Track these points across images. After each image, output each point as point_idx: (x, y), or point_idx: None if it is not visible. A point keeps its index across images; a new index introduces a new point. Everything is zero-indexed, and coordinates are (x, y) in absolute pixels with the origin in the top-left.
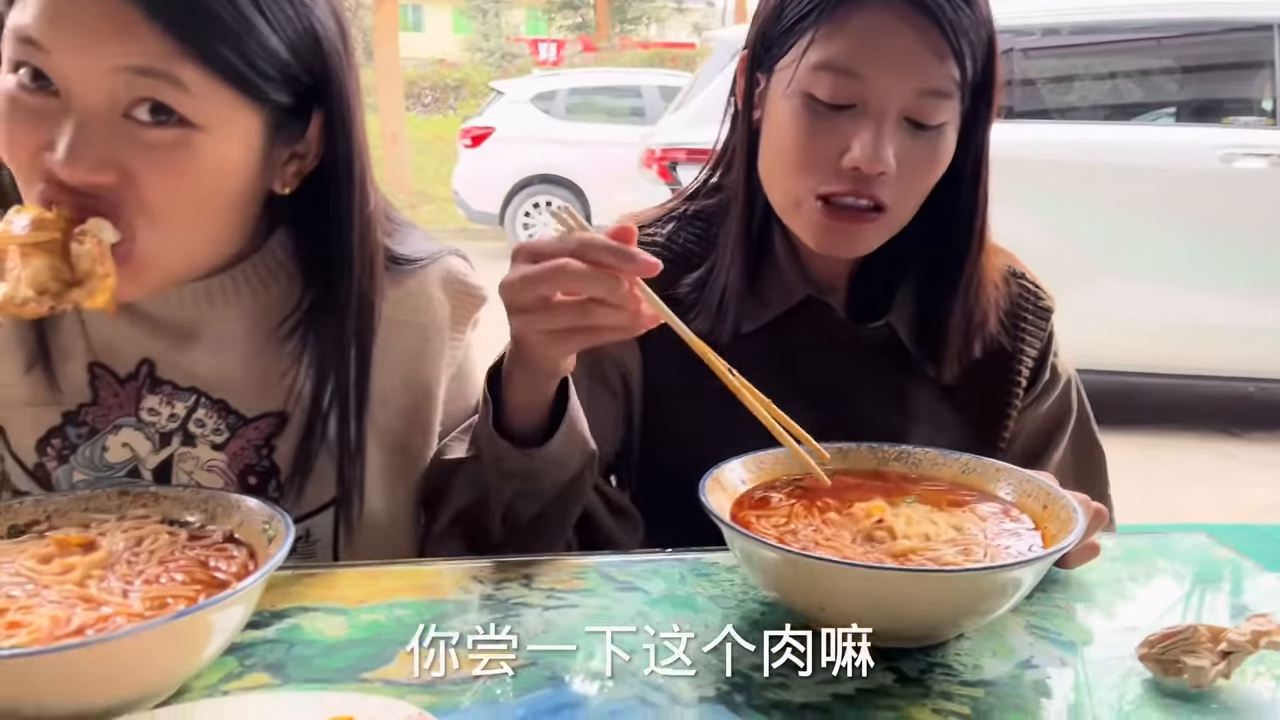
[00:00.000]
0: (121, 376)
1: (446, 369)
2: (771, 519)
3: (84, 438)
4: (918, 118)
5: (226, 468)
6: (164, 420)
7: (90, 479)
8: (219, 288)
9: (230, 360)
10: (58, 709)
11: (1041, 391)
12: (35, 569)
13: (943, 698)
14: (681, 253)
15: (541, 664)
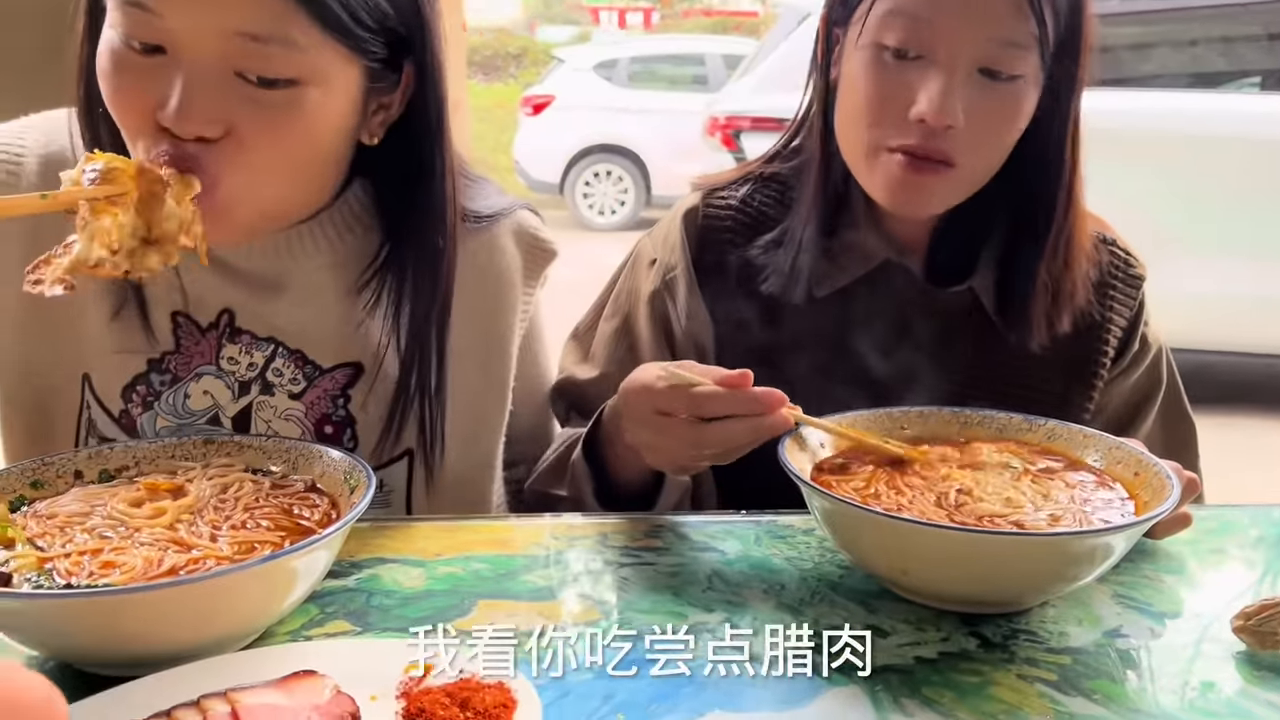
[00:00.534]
0: (203, 326)
1: (519, 324)
2: (851, 483)
3: (167, 385)
4: (992, 66)
5: (303, 417)
6: (243, 369)
7: (173, 425)
8: (299, 239)
9: (308, 311)
10: (149, 647)
11: (1130, 362)
12: (127, 512)
13: (1028, 664)
14: (756, 215)
15: (618, 619)
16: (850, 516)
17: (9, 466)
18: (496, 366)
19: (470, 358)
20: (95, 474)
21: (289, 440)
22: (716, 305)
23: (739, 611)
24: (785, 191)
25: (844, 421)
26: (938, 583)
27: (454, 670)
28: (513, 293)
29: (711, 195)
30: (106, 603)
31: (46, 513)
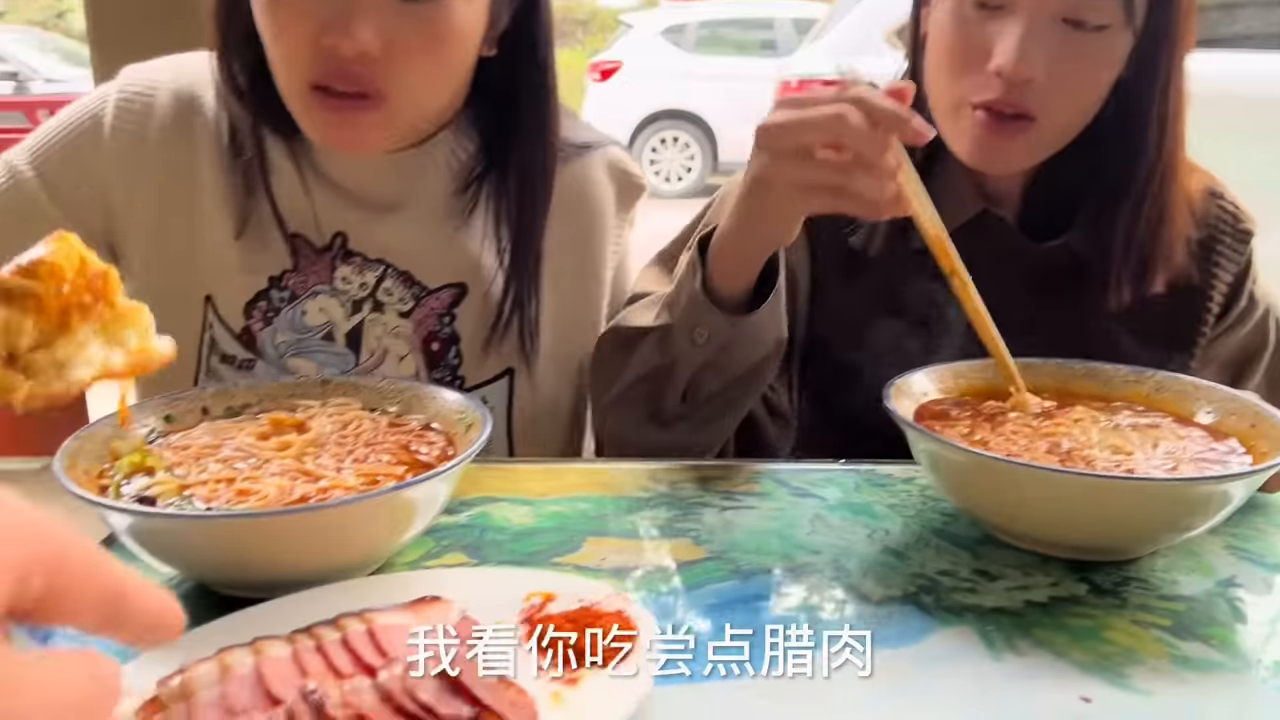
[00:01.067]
0: (318, 247)
1: (611, 255)
2: (956, 428)
3: (286, 302)
4: (1075, 15)
5: (412, 334)
6: (355, 289)
7: (291, 340)
8: (414, 161)
9: (415, 233)
10: (281, 570)
11: (1235, 320)
12: (255, 445)
13: (1141, 609)
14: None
15: (725, 558)
16: (963, 461)
17: (142, 402)
18: (591, 290)
19: (566, 281)
20: (221, 410)
21: (403, 381)
22: (818, 244)
23: (845, 554)
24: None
25: (945, 370)
26: (1049, 528)
27: (574, 600)
28: (605, 221)
29: None
30: (246, 525)
31: (180, 444)
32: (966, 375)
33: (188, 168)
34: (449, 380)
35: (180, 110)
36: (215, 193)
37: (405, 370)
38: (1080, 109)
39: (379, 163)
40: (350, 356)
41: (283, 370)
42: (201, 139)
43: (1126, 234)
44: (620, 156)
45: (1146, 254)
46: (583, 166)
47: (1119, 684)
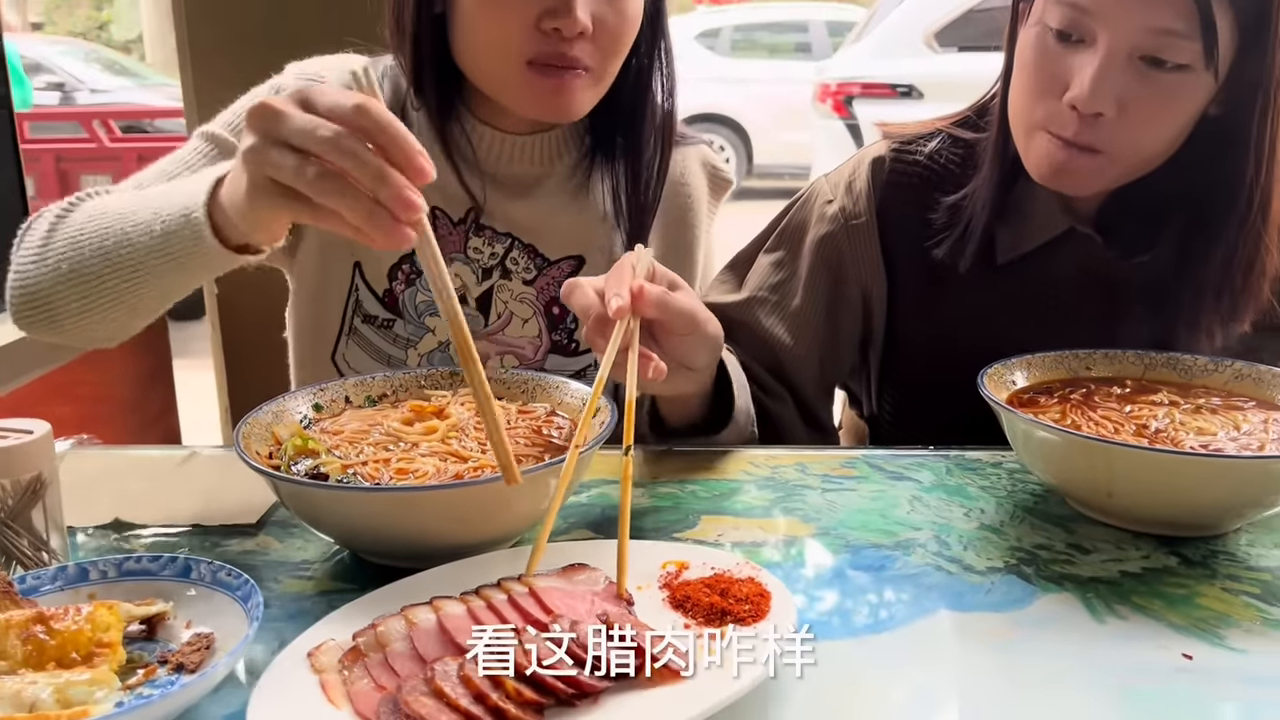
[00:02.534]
0: (454, 220)
1: (703, 239)
2: (1048, 414)
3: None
4: (1153, 53)
5: (535, 299)
6: (485, 258)
7: (429, 300)
8: (544, 144)
9: (540, 210)
10: (437, 541)
11: None
12: (402, 430)
13: (1230, 579)
14: (942, 172)
15: (834, 534)
16: (1058, 441)
17: (293, 393)
18: (686, 271)
19: (667, 258)
20: (362, 399)
21: (527, 373)
22: (895, 260)
23: (945, 530)
24: (970, 154)
25: (1033, 361)
26: (1141, 505)
27: (706, 568)
28: (700, 208)
29: (901, 146)
30: (412, 499)
31: (332, 429)
32: (1050, 366)
33: None
34: (566, 342)
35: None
36: None
37: (529, 332)
38: (1153, 145)
39: (515, 144)
40: (480, 318)
41: (421, 327)
42: None
43: (1219, 282)
44: (711, 154)
45: (1238, 301)
46: (682, 157)
47: (1216, 643)
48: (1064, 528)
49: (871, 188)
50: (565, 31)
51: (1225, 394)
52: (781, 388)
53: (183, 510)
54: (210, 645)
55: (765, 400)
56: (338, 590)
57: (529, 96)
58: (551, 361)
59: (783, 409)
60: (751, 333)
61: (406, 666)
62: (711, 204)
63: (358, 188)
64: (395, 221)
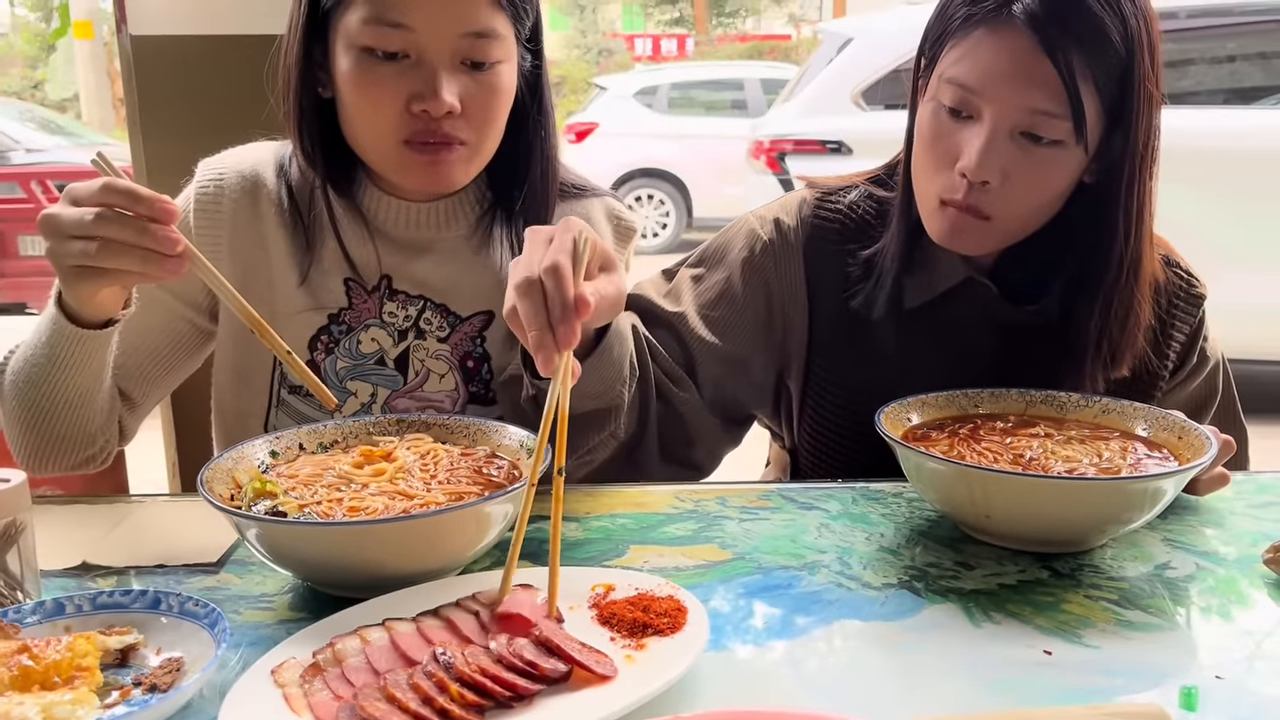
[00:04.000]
0: (368, 288)
1: None
2: (937, 447)
3: (343, 334)
4: (1030, 130)
5: (450, 355)
6: (400, 320)
7: (349, 366)
8: (444, 210)
9: (447, 270)
10: (386, 571)
11: (1188, 375)
12: (353, 472)
13: (1092, 588)
14: (859, 223)
15: (748, 558)
16: (940, 471)
17: (250, 441)
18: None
19: None
20: (315, 445)
21: (468, 419)
22: (816, 300)
23: (847, 552)
24: (883, 209)
25: (927, 400)
26: (1015, 525)
27: (631, 589)
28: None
29: (824, 196)
30: (364, 532)
31: (288, 473)
32: (942, 405)
33: (258, 233)
34: (483, 393)
35: (246, 187)
36: (281, 250)
37: (446, 386)
38: (1033, 210)
39: (417, 211)
40: (399, 377)
41: (343, 391)
42: (266, 208)
43: (1098, 334)
44: (615, 205)
45: (1116, 349)
46: (584, 207)
47: (1074, 641)
48: (953, 548)
49: (800, 227)
50: (433, 112)
51: (1094, 427)
52: (689, 379)
53: (146, 552)
54: (180, 668)
55: (669, 387)
56: (296, 619)
57: (408, 172)
58: (470, 412)
59: (686, 394)
60: (675, 336)
61: (362, 678)
62: (619, 250)
63: (128, 246)
64: (166, 257)
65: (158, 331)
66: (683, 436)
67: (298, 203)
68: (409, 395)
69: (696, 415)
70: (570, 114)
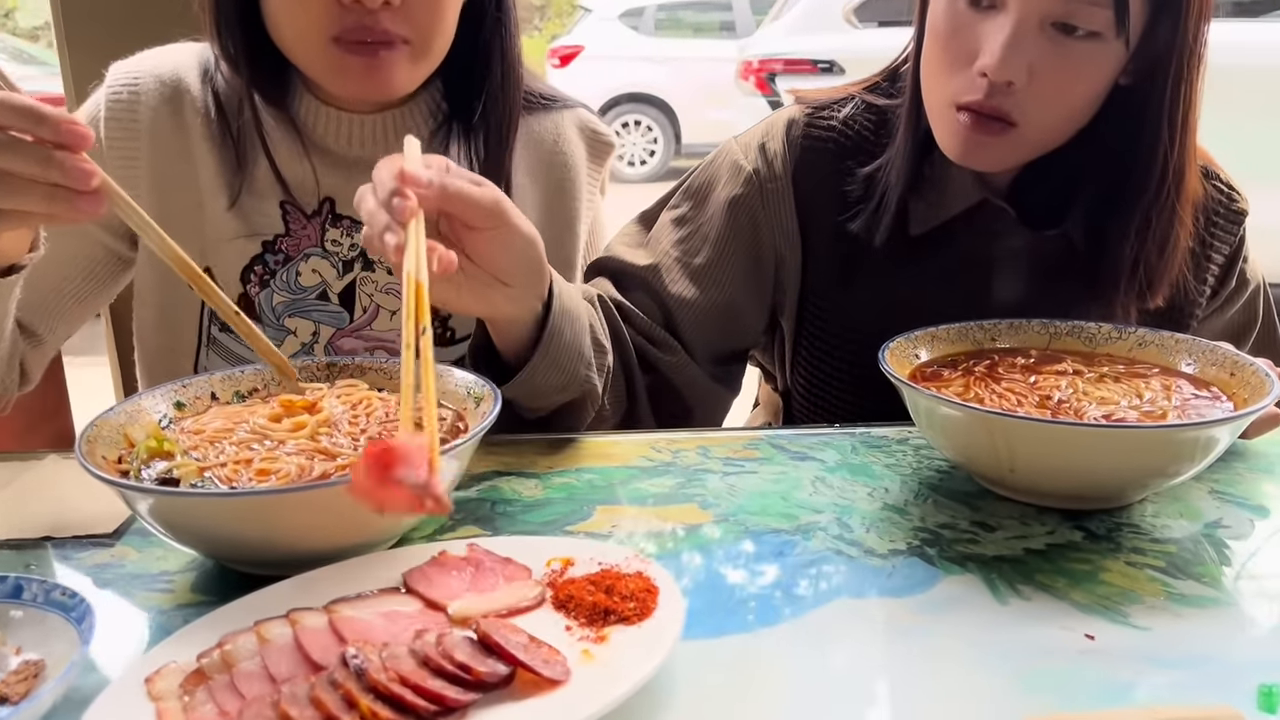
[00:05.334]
0: (308, 212)
1: (586, 210)
2: (950, 388)
3: (280, 264)
4: (1063, 20)
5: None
6: (345, 249)
7: (287, 301)
8: (392, 123)
9: None
10: (304, 547)
11: (1226, 300)
12: (269, 427)
13: (1135, 552)
14: (856, 139)
15: (733, 520)
16: (960, 417)
17: (152, 389)
18: (566, 244)
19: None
20: (229, 395)
21: None
22: (809, 229)
23: (847, 512)
24: (883, 121)
25: (937, 333)
26: (1044, 480)
27: (594, 563)
28: (578, 177)
29: (814, 112)
30: (270, 502)
31: (194, 429)
32: (954, 339)
33: (181, 148)
34: (440, 332)
35: (167, 94)
36: (208, 168)
37: (398, 324)
38: (1065, 115)
39: (363, 124)
40: (344, 314)
41: (281, 330)
42: (191, 119)
43: (1132, 257)
44: (589, 117)
45: (1153, 276)
46: (554, 122)
47: (1119, 621)
48: (969, 505)
49: (786, 151)
50: (366, 3)
51: (1129, 361)
52: (673, 340)
53: (34, 521)
54: (39, 673)
55: (653, 352)
56: (199, 603)
57: (341, 76)
58: None
59: (672, 358)
60: (651, 293)
61: (255, 687)
62: (593, 170)
63: (29, 181)
64: (79, 194)
65: (69, 260)
66: (678, 403)
67: (226, 113)
68: (356, 334)
69: (689, 377)
70: (554, 37)
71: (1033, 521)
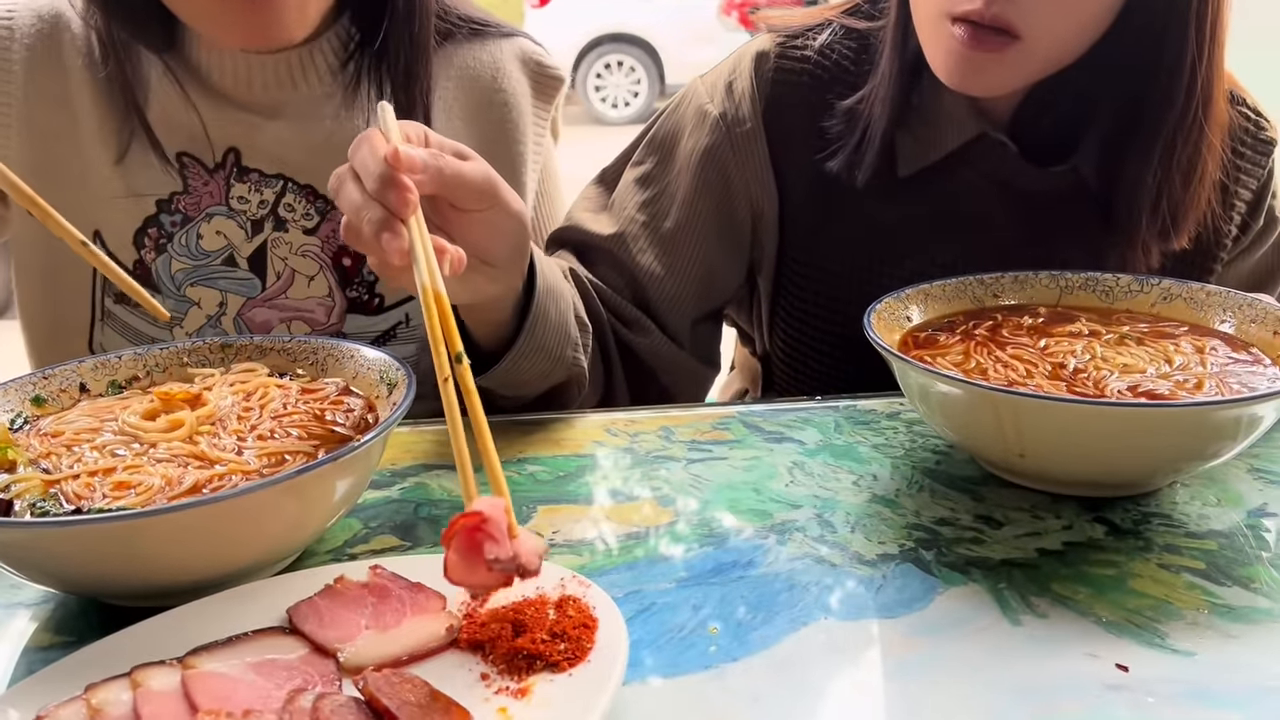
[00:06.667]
0: (210, 166)
1: (533, 156)
2: (948, 356)
3: (178, 226)
4: None
5: (320, 251)
6: (254, 207)
7: (188, 268)
8: (297, 64)
9: (312, 141)
10: (175, 575)
11: (1254, 240)
12: (140, 426)
13: (1168, 551)
14: (834, 69)
15: (696, 521)
16: (959, 394)
17: (6, 382)
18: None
19: None
20: (103, 386)
21: (316, 340)
22: (785, 173)
23: (829, 506)
24: (864, 48)
25: (930, 291)
26: (1060, 464)
27: (522, 587)
28: (522, 118)
29: (787, 41)
30: (122, 528)
31: (51, 430)
32: (951, 296)
33: (61, 93)
34: (366, 298)
35: (44, 30)
36: (92, 117)
37: (317, 290)
38: (1076, 24)
39: (262, 64)
40: (255, 280)
41: (183, 300)
42: (71, 60)
43: (1156, 191)
44: (532, 47)
45: (1177, 212)
46: (490, 55)
47: (1157, 645)
48: (971, 494)
49: (756, 89)
50: None
51: (1153, 319)
52: (645, 318)
53: None
54: None
55: (626, 334)
56: (51, 647)
57: (220, 22)
58: (351, 323)
59: (646, 339)
60: (618, 266)
61: None
62: (539, 108)
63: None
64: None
65: None
66: (654, 385)
67: (112, 52)
68: (268, 303)
69: (666, 359)
70: None
71: (1046, 514)
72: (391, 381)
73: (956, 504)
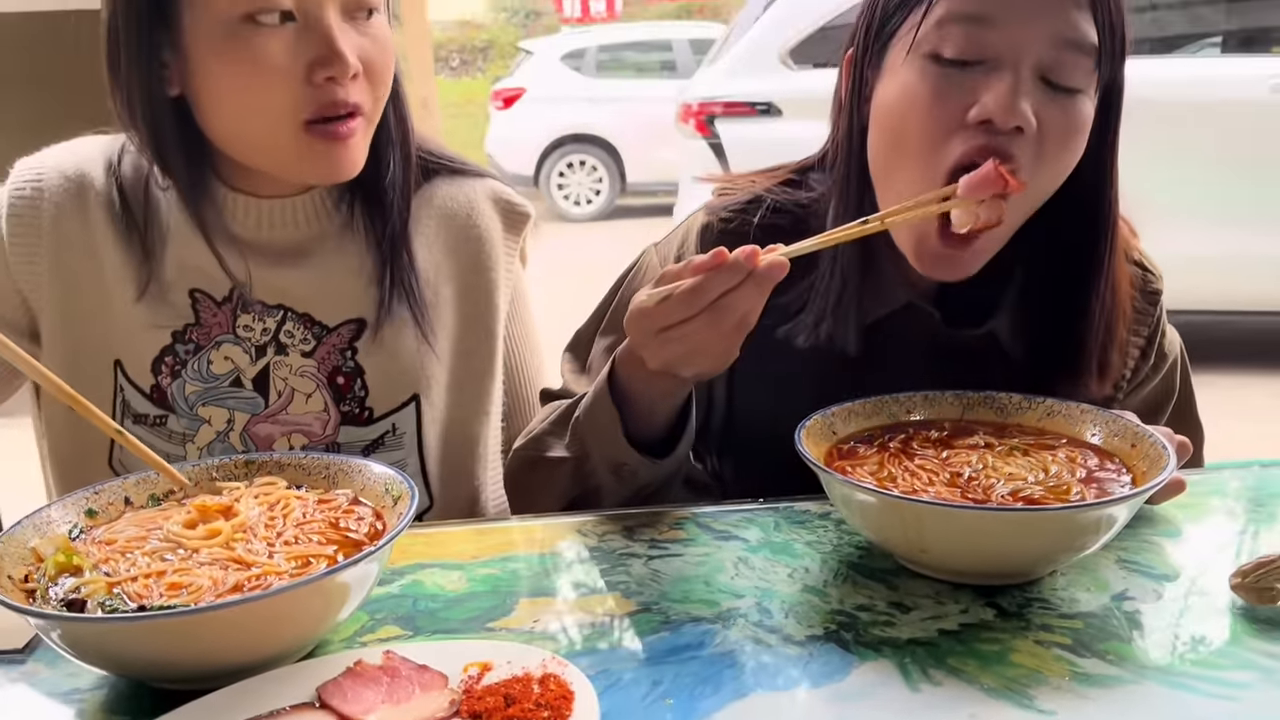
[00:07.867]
0: (218, 299)
1: (505, 283)
2: (865, 466)
3: (191, 354)
4: (1053, 76)
5: (316, 371)
6: (258, 335)
7: (200, 390)
8: (301, 207)
9: (310, 275)
10: (219, 661)
11: (1144, 377)
12: (183, 534)
13: (1043, 630)
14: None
15: (655, 610)
16: (869, 502)
17: (64, 497)
18: (486, 317)
19: (458, 308)
20: (144, 499)
21: (327, 456)
22: None
23: (767, 595)
24: (799, 221)
25: (854, 408)
26: (955, 559)
27: (510, 667)
28: (494, 250)
29: (724, 221)
30: (181, 622)
31: (105, 538)
32: (871, 413)
33: (85, 242)
34: (357, 412)
35: (71, 189)
36: (114, 261)
37: (314, 407)
38: (1057, 176)
39: (275, 210)
40: (259, 399)
41: (195, 419)
42: (95, 213)
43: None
44: (501, 188)
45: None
46: (466, 195)
47: (1025, 705)
48: (886, 583)
49: None
50: (339, 77)
51: (1038, 433)
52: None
53: None
54: None
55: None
56: None
57: (309, 160)
58: (344, 434)
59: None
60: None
61: None
62: (509, 241)
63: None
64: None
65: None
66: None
67: (131, 204)
68: (271, 419)
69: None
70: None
71: (947, 600)
72: (396, 494)
73: (874, 592)
